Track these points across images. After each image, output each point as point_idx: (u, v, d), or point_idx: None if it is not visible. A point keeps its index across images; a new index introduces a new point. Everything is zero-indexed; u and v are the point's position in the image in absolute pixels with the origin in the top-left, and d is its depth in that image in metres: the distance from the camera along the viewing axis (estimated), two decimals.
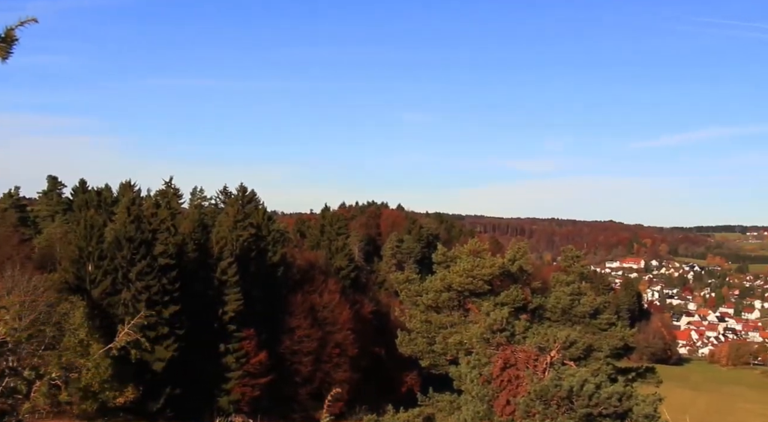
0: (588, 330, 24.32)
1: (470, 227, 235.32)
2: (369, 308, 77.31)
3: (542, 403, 10.63)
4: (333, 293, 68.70)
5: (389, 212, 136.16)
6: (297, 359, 61.76)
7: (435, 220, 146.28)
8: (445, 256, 24.77)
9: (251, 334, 56.56)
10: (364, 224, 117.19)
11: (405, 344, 23.74)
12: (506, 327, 13.22)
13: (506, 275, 23.84)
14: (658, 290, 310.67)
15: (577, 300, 23.71)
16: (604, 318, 24.63)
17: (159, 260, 51.77)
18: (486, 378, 11.64)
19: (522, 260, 24.08)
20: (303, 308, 63.96)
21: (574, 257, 25.85)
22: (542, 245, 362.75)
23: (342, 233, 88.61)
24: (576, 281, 24.54)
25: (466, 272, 22.26)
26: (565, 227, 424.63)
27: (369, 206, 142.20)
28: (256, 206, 68.54)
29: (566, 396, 10.71)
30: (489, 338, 13.19)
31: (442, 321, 23.46)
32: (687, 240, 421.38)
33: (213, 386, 53.64)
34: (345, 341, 66.29)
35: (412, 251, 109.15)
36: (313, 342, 62.89)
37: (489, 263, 22.67)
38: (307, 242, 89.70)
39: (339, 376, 64.72)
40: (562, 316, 24.13)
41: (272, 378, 56.30)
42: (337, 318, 66.89)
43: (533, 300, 23.85)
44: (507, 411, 11.02)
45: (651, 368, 27.24)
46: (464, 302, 23.24)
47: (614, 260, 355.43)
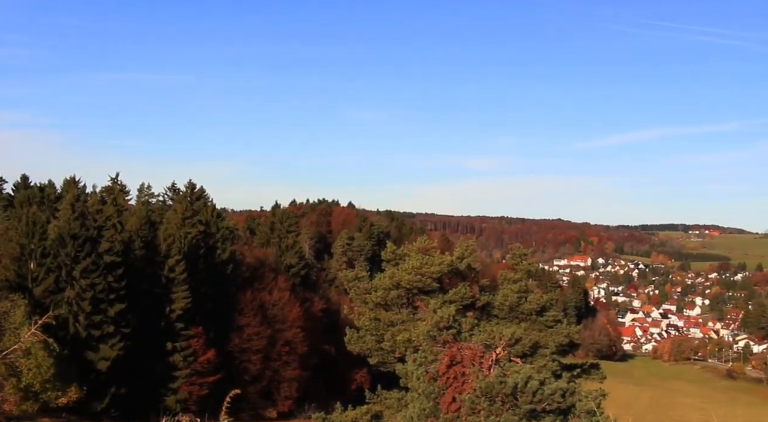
0: (534, 327, 24.59)
1: (421, 225, 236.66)
2: (319, 306, 77.15)
3: (487, 400, 10.73)
4: (283, 291, 68.36)
5: (340, 210, 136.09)
6: (246, 357, 61.27)
7: (386, 218, 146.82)
8: (394, 254, 24.80)
9: (199, 332, 55.90)
10: (314, 222, 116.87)
11: (353, 342, 23.71)
12: (453, 325, 13.32)
13: (455, 273, 23.97)
14: (604, 287, 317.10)
15: (524, 298, 23.96)
16: (550, 315, 24.92)
17: (104, 258, 50.73)
18: (432, 376, 11.70)
19: (470, 258, 24.25)
20: (252, 306, 63.47)
21: (521, 255, 26.12)
22: (492, 243, 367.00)
23: (292, 230, 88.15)
24: (523, 279, 24.78)
25: (415, 270, 22.32)
26: (515, 226, 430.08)
27: (320, 203, 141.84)
28: (205, 203, 67.65)
29: (511, 392, 10.83)
30: (435, 335, 13.26)
31: (390, 319, 23.50)
32: (632, 239, 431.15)
33: (160, 385, 52.84)
34: (295, 339, 66.03)
35: (363, 249, 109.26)
36: (262, 339, 62.46)
37: (437, 261, 22.78)
38: (257, 239, 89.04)
39: (288, 374, 64.50)
40: (510, 313, 24.36)
41: (220, 376, 55.65)
42: (287, 316, 66.58)
43: (481, 298, 24.02)
44: (453, 408, 11.09)
45: (595, 364, 27.68)
46: (413, 299, 23.31)
47: (562, 258, 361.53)
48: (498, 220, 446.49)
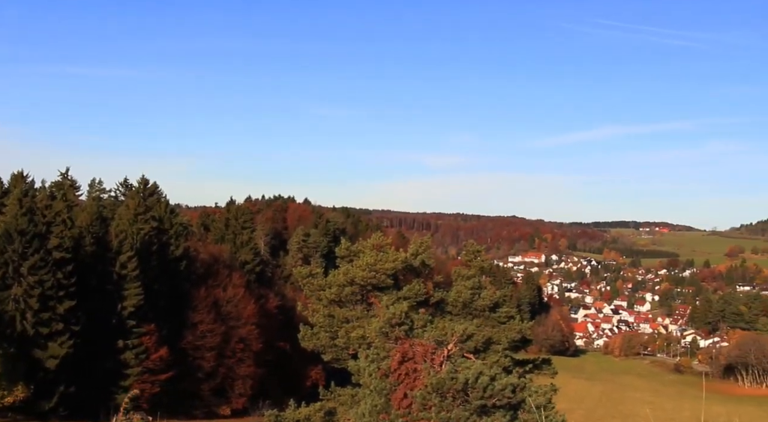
0: (488, 323, 24.80)
1: (377, 221, 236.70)
2: (274, 302, 76.75)
3: (438, 396, 10.80)
4: (237, 288, 67.79)
5: (296, 206, 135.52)
6: (199, 354, 60.65)
7: (342, 214, 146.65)
8: (348, 250, 24.75)
9: (152, 329, 55.12)
10: (270, 218, 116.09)
11: (307, 338, 23.62)
12: (405, 321, 13.37)
13: (409, 270, 24.02)
14: (557, 283, 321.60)
15: (477, 294, 24.13)
16: (503, 312, 25.16)
17: (53, 254, 49.65)
18: (384, 372, 11.73)
19: (424, 255, 24.34)
20: (206, 302, 62.84)
21: (475, 251, 26.31)
22: (448, 239, 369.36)
23: (247, 226, 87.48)
24: (477, 276, 24.97)
25: (369, 267, 22.31)
26: (470, 222, 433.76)
27: (275, 199, 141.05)
28: (159, 199, 66.71)
29: (461, 388, 10.92)
30: (388, 332, 13.30)
31: (345, 315, 23.46)
32: (585, 236, 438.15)
33: (110, 383, 51.92)
34: (249, 336, 65.57)
35: (319, 246, 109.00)
36: (216, 336, 61.89)
37: (392, 258, 22.80)
38: (211, 235, 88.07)
39: (243, 371, 64.05)
40: (463, 310, 24.52)
41: (173, 374, 55.07)
42: (242, 313, 66.07)
43: (435, 294, 24.13)
44: (404, 404, 11.13)
45: (547, 359, 28.04)
46: (367, 296, 23.30)
47: (517, 255, 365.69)
48: (453, 217, 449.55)
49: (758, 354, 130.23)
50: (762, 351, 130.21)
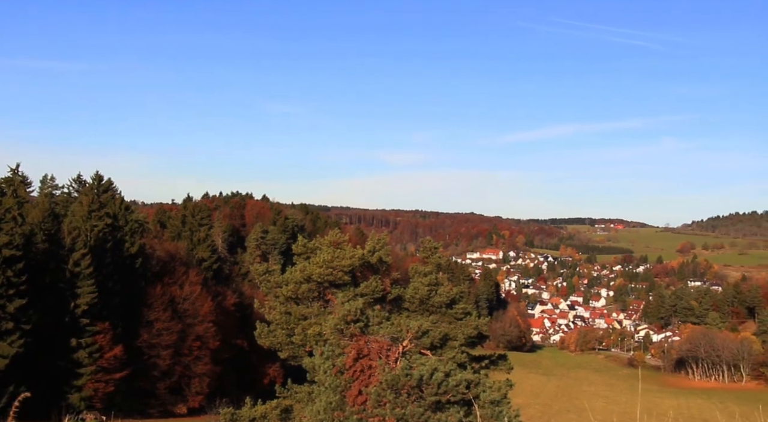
0: (444, 319, 24.96)
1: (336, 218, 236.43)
2: (232, 300, 76.20)
3: (393, 392, 10.84)
4: (194, 285, 67.14)
5: (254, 203, 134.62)
6: (155, 352, 59.87)
7: (300, 211, 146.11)
8: (305, 247, 24.68)
9: (106, 328, 54.20)
10: (228, 215, 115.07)
11: (264, 336, 23.49)
12: (360, 318, 13.40)
13: (366, 267, 24.03)
14: (514, 280, 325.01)
15: (434, 290, 24.28)
16: (459, 308, 25.34)
17: (3, 252, 48.43)
18: (339, 369, 11.73)
19: (382, 252, 24.36)
20: (162, 300, 62.07)
21: (432, 248, 26.44)
22: (406, 236, 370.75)
23: (204, 223, 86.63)
24: (434, 272, 25.10)
25: (326, 264, 22.28)
26: (429, 219, 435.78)
27: (233, 196, 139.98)
28: (113, 196, 65.62)
29: (416, 384, 10.98)
30: (343, 329, 13.30)
31: (301, 313, 23.39)
32: (542, 232, 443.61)
33: (63, 383, 50.98)
34: (206, 333, 65.00)
35: (277, 243, 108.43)
36: (172, 334, 61.17)
37: (349, 255, 22.80)
38: (167, 232, 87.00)
39: (199, 369, 63.47)
40: (420, 306, 24.64)
41: (128, 372, 54.29)
42: (198, 310, 65.45)
43: (392, 291, 24.20)
44: (359, 401, 11.15)
45: (503, 355, 28.31)
46: (324, 293, 23.27)
47: (475, 252, 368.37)
48: (412, 214, 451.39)
49: (707, 347, 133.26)
50: (711, 344, 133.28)
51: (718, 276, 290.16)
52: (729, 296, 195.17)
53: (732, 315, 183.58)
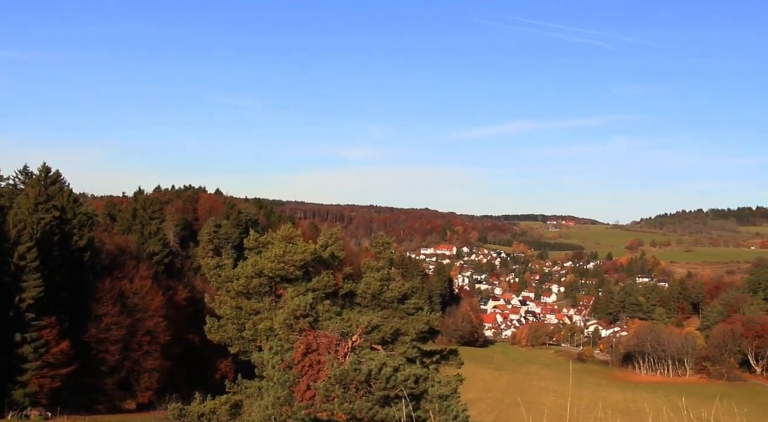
0: (396, 314, 25.08)
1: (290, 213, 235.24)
2: (183, 294, 75.31)
3: (341, 387, 10.87)
4: (144, 279, 66.09)
5: (207, 197, 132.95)
6: (103, 347, 58.76)
7: (254, 205, 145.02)
8: (257, 242, 24.54)
9: (52, 322, 52.94)
10: (180, 209, 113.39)
11: (214, 330, 23.31)
12: (310, 313, 13.39)
13: (318, 261, 24.03)
14: (468, 275, 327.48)
15: (386, 286, 24.37)
16: (411, 303, 25.48)
17: None
18: (287, 364, 11.71)
19: (334, 247, 24.38)
20: (112, 294, 60.92)
21: (384, 243, 26.55)
22: (361, 231, 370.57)
23: (156, 217, 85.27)
24: (386, 268, 25.20)
25: (278, 258, 22.19)
26: (383, 214, 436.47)
27: (186, 190, 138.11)
28: (61, 188, 64.15)
29: (365, 379, 11.03)
30: (292, 323, 13.28)
31: (253, 307, 23.27)
32: (495, 228, 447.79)
33: (6, 378, 49.73)
34: (156, 328, 64.07)
35: (230, 237, 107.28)
36: (121, 329, 60.12)
37: (301, 249, 22.75)
38: (117, 226, 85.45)
39: (149, 364, 62.56)
40: (372, 301, 24.71)
41: (75, 368, 53.16)
42: (149, 305, 64.47)
43: (345, 286, 24.24)
44: (307, 396, 11.16)
45: (454, 350, 28.58)
46: (276, 288, 23.18)
47: (429, 247, 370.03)
48: (367, 209, 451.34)
49: (654, 342, 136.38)
50: (657, 339, 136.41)
51: (665, 273, 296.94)
52: (675, 293, 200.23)
53: (678, 311, 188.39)
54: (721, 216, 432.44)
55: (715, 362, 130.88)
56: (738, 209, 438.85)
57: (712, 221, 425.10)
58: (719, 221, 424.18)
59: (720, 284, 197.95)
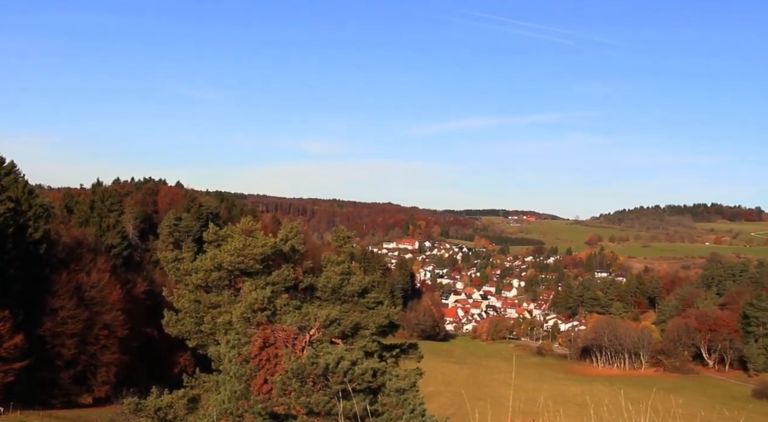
0: (356, 308, 25.13)
1: (252, 206, 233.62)
2: (142, 287, 74.38)
3: (298, 381, 10.87)
4: (102, 273, 65.13)
5: (168, 189, 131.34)
6: (59, 341, 57.81)
7: (216, 198, 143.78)
8: (216, 235, 24.35)
9: (6, 316, 51.86)
10: (140, 201, 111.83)
11: (172, 324, 23.10)
12: (268, 306, 13.34)
13: (279, 255, 23.93)
14: (430, 270, 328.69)
15: (346, 280, 24.40)
16: (371, 297, 25.56)
17: None
18: (244, 358, 11.67)
19: (294, 240, 24.30)
20: (68, 287, 59.95)
21: (345, 237, 26.57)
22: (323, 225, 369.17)
23: (115, 209, 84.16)
24: (346, 261, 25.21)
25: (238, 252, 22.05)
26: (346, 209, 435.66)
27: (146, 182, 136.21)
28: (16, 179, 62.87)
29: (322, 373, 11.04)
30: (250, 317, 13.23)
31: (211, 301, 23.11)
32: (457, 223, 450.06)
33: None
34: (114, 322, 63.24)
35: (191, 230, 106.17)
36: (78, 323, 59.20)
37: (261, 243, 22.63)
38: (75, 218, 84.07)
39: (106, 358, 61.76)
40: (332, 295, 24.72)
41: (29, 362, 52.18)
42: (106, 298, 63.59)
43: (305, 280, 24.19)
44: (264, 390, 11.13)
45: (414, 344, 28.75)
46: (235, 281, 23.04)
47: (391, 241, 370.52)
48: (330, 203, 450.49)
49: (611, 336, 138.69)
50: (614, 333, 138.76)
51: (623, 268, 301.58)
52: (632, 287, 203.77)
53: (634, 305, 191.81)
54: (677, 212, 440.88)
55: (669, 355, 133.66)
56: (693, 206, 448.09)
57: (668, 217, 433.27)
58: (675, 217, 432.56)
59: (675, 279, 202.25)
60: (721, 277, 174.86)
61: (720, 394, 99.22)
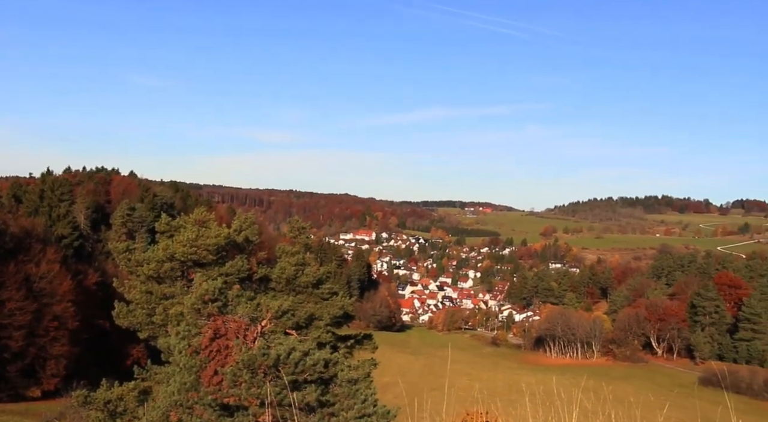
0: (311, 299, 25.08)
1: (208, 196, 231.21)
2: (94, 278, 73.07)
3: (249, 372, 10.81)
4: (52, 263, 63.83)
5: (121, 179, 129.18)
6: (6, 333, 56.57)
7: (170, 188, 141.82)
8: (168, 225, 24.02)
9: None
10: (92, 191, 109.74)
11: (122, 315, 22.74)
12: (219, 297, 13.24)
13: (232, 246, 23.72)
14: (386, 261, 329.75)
15: (301, 271, 24.32)
16: (326, 288, 25.53)
17: None
18: (195, 349, 11.56)
19: (248, 231, 24.11)
20: (16, 279, 58.67)
21: (300, 228, 26.45)
22: (280, 216, 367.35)
23: (65, 199, 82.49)
24: (301, 252, 25.12)
25: (190, 242, 21.79)
26: (303, 199, 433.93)
27: (98, 171, 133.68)
28: None
29: (273, 364, 10.99)
30: (200, 308, 13.11)
31: (164, 292, 22.81)
32: (414, 214, 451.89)
33: None
34: (64, 313, 62.09)
35: (145, 220, 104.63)
36: (26, 314, 57.98)
37: (214, 234, 22.40)
38: (23, 208, 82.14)
39: (56, 350, 60.61)
40: (287, 286, 24.62)
41: None
42: (56, 289, 62.37)
43: (259, 271, 24.03)
44: (214, 381, 11.04)
45: (368, 335, 28.81)
46: (188, 272, 22.76)
47: (348, 232, 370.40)
48: (286, 193, 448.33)
49: (564, 326, 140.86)
50: (567, 323, 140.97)
51: (576, 259, 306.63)
52: (585, 278, 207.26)
53: (587, 296, 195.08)
54: (629, 204, 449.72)
55: (620, 344, 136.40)
56: (645, 198, 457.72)
57: (621, 209, 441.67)
58: (627, 209, 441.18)
59: (627, 270, 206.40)
60: (671, 268, 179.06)
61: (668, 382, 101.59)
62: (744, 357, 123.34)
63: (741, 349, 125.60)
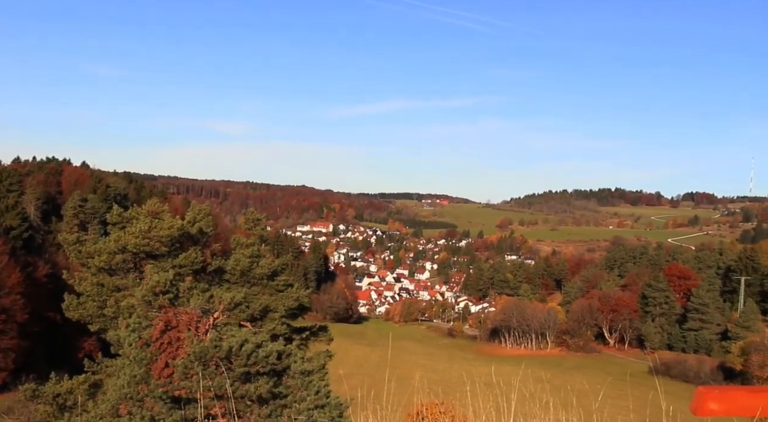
0: (265, 291, 24.98)
1: (163, 187, 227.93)
2: (44, 270, 71.65)
3: (201, 364, 10.74)
4: (0, 255, 62.42)
5: (72, 170, 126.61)
6: None
7: (124, 179, 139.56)
8: (120, 216, 23.65)
9: None
10: (42, 182, 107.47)
11: (73, 308, 22.35)
12: (170, 289, 13.10)
13: (186, 237, 23.45)
14: (344, 253, 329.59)
15: (255, 263, 24.20)
16: (281, 280, 25.46)
17: None
18: (145, 341, 11.42)
19: (203, 222, 23.86)
20: None
21: (254, 220, 26.31)
22: (236, 208, 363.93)
23: (14, 190, 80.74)
24: (256, 244, 24.99)
25: (143, 234, 21.49)
26: (260, 191, 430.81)
27: (49, 162, 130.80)
28: None
29: (225, 356, 10.94)
30: (151, 300, 12.96)
31: (115, 284, 22.48)
32: (371, 206, 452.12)
33: None
34: (13, 306, 60.87)
35: (97, 212, 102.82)
36: None
37: (167, 225, 22.12)
38: None
39: (4, 344, 59.49)
40: (241, 278, 24.48)
41: None
42: (5, 282, 61.10)
43: (213, 263, 23.83)
44: (165, 374, 10.93)
45: (324, 327, 28.85)
46: (140, 264, 22.45)
47: (305, 224, 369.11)
48: (243, 185, 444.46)
49: (519, 317, 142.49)
50: (522, 314, 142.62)
51: (532, 251, 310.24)
52: (540, 270, 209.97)
53: (542, 287, 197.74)
54: (584, 197, 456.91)
55: (573, 335, 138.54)
56: (599, 190, 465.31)
57: (575, 201, 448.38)
58: (582, 201, 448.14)
59: (581, 262, 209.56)
60: (623, 259, 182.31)
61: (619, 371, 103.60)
62: (692, 347, 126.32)
63: (689, 339, 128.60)
